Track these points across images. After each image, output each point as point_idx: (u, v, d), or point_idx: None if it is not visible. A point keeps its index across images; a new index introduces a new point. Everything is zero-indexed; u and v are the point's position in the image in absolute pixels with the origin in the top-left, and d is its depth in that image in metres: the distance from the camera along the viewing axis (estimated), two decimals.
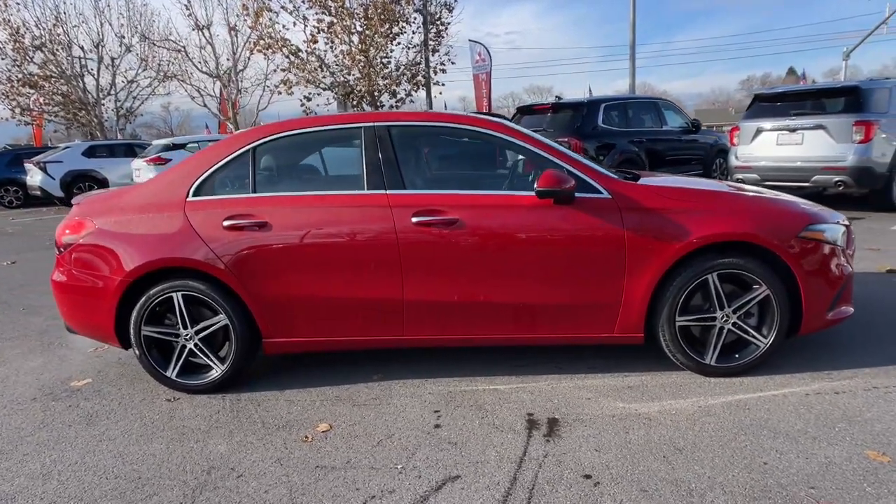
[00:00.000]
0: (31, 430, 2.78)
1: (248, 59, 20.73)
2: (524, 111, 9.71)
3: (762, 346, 2.90)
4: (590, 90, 20.86)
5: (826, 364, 3.03)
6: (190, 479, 2.30)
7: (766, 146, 7.85)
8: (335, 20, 15.55)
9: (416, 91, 18.10)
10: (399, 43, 16.25)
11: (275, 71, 17.79)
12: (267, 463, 2.39)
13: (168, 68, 22.37)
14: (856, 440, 2.31)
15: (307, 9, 16.14)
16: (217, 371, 3.06)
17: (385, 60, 16.39)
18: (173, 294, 2.99)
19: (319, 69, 16.53)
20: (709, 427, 2.48)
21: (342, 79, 17.09)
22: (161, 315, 3.09)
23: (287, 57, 16.81)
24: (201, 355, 3.07)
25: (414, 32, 17.06)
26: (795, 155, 7.53)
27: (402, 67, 17.06)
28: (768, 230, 2.81)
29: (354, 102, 17.57)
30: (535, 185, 2.79)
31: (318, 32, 16.00)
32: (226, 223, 2.95)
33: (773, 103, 8.05)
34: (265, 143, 3.11)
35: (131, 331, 3.04)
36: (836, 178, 7.16)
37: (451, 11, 17.32)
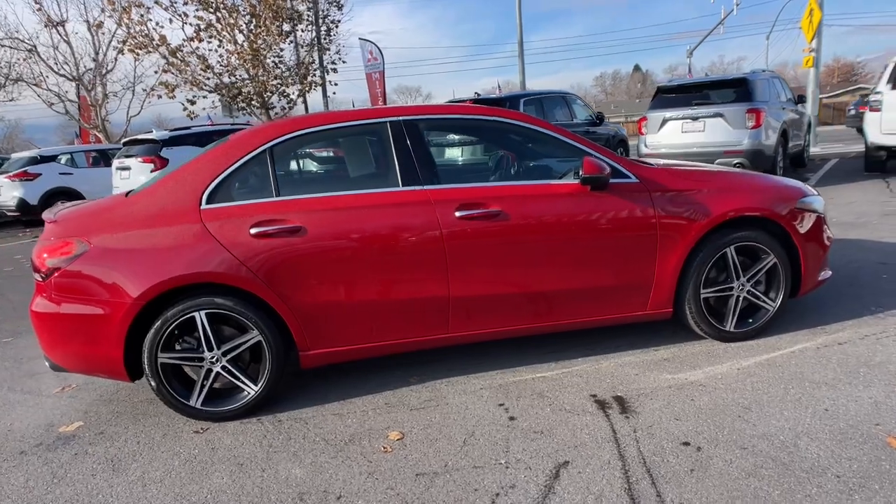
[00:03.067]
0: (48, 487, 2.37)
1: (116, 59, 18.79)
2: None
3: (771, 309, 3.22)
4: (499, 87, 21.40)
5: (815, 321, 3.43)
6: None
7: (673, 134, 8.62)
8: (220, 17, 14.59)
9: (308, 92, 17.52)
10: (291, 41, 15.60)
11: (156, 73, 16.26)
12: (360, 479, 2.25)
13: (10, 71, 19.61)
14: (882, 381, 2.66)
15: (184, 4, 15.00)
16: (250, 392, 2.81)
17: (276, 60, 15.66)
18: (196, 314, 2.69)
19: (203, 70, 15.42)
20: (758, 385, 2.72)
21: (228, 80, 16.08)
22: (174, 339, 2.77)
23: (164, 57, 15.47)
24: (230, 378, 2.80)
25: (303, 31, 16.50)
26: (699, 141, 8.34)
27: (294, 67, 16.42)
28: (774, 204, 3.12)
29: (242, 105, 16.65)
30: (581, 173, 2.87)
31: (201, 31, 14.92)
32: (253, 231, 2.71)
33: (675, 95, 8.86)
34: (282, 142, 2.89)
35: (145, 360, 2.70)
36: (736, 161, 8.03)
37: (340, 9, 16.98)
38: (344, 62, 17.83)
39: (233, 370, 2.79)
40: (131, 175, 10.11)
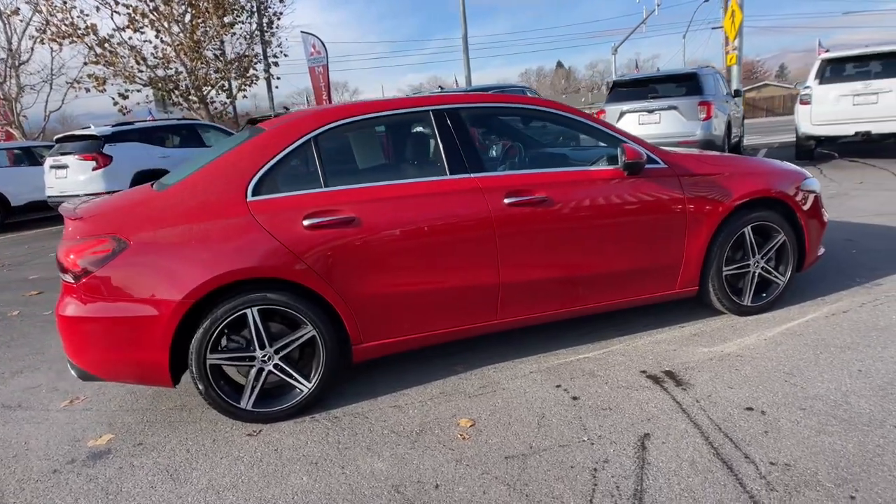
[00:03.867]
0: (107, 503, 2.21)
1: (32, 49, 17.25)
2: None
3: (781, 283, 3.47)
4: (456, 81, 21.35)
5: (813, 294, 3.72)
6: (385, 501, 2.07)
7: (630, 126, 8.99)
8: (156, 6, 13.78)
9: (248, 86, 16.91)
10: (234, 33, 14.98)
11: (85, 64, 15.08)
12: (451, 467, 2.24)
13: None
14: (895, 342, 2.94)
15: None
16: (303, 390, 2.72)
17: (217, 52, 14.99)
18: (248, 311, 2.58)
19: (137, 62, 14.53)
20: (789, 352, 2.93)
21: (163, 73, 15.25)
22: (221, 339, 2.64)
23: (91, 48, 14.45)
24: (282, 376, 2.70)
25: (244, 22, 15.88)
26: (655, 132, 8.75)
27: (235, 60, 15.79)
28: (784, 186, 3.36)
29: (178, 99, 15.84)
30: (624, 159, 2.97)
31: (134, 20, 14.04)
32: (306, 223, 2.62)
33: (629, 89, 9.25)
34: (326, 131, 2.81)
35: (192, 362, 2.55)
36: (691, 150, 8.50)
37: (282, 1, 16.48)
38: (286, 55, 17.37)
39: (286, 368, 2.69)
40: (69, 174, 9.40)
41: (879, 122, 8.74)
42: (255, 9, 15.42)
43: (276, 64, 17.59)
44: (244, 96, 17.45)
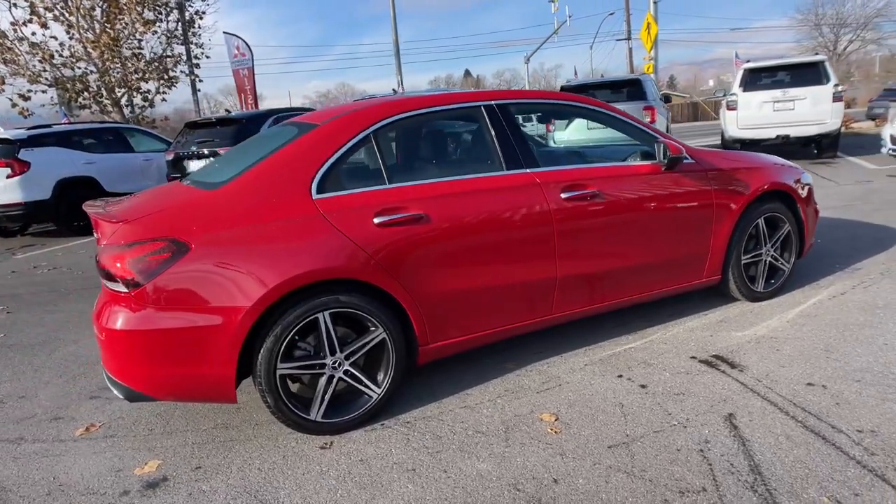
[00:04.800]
0: None
1: None
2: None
3: (786, 270, 3.75)
4: (399, 81, 21.02)
5: (805, 281, 4.04)
6: (510, 500, 2.02)
7: (579, 130, 9.33)
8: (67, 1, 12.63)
9: (168, 88, 15.89)
10: (156, 31, 14.01)
11: None
12: (559, 461, 2.23)
13: None
14: None
15: None
16: (373, 396, 2.60)
17: (136, 51, 13.97)
18: (319, 315, 2.43)
19: (41, 61, 13.23)
20: (815, 332, 3.16)
21: (71, 72, 14.00)
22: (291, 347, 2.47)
23: None
24: (352, 383, 2.56)
25: (163, 21, 14.91)
26: (603, 136, 9.14)
27: (155, 60, 14.79)
28: (789, 179, 3.64)
29: (88, 102, 14.62)
30: (668, 153, 3.09)
31: (36, 14, 12.79)
32: (377, 220, 2.51)
33: (577, 94, 9.61)
34: (384, 125, 2.72)
35: (261, 373, 2.37)
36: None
37: None
38: (208, 57, 16.49)
39: (356, 374, 2.56)
40: None
41: (797, 127, 9.67)
42: (175, 5, 14.52)
43: (196, 65, 16.68)
44: (163, 99, 16.38)
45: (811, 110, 9.56)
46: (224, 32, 17.06)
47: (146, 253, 2.25)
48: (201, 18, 15.73)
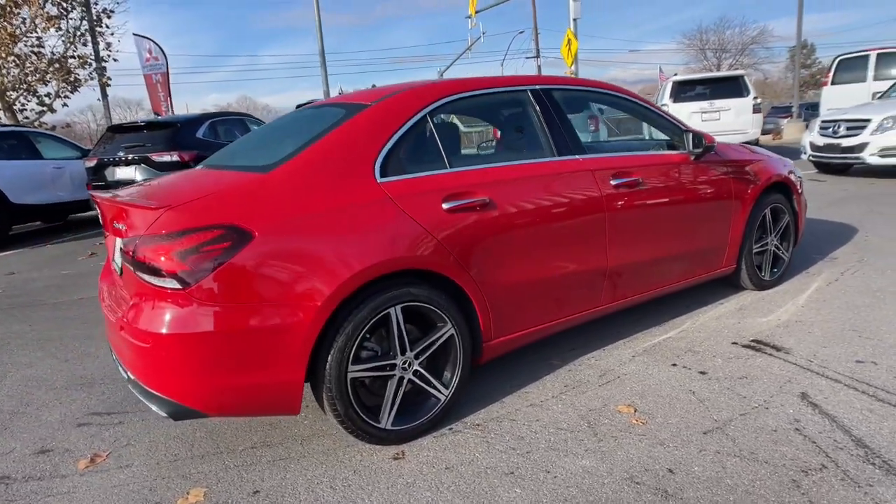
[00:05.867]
0: None
1: None
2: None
3: (786, 259, 3.92)
4: (340, 90, 20.27)
5: (796, 269, 4.25)
6: (629, 498, 1.89)
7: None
8: None
9: (71, 91, 14.52)
10: (59, 28, 12.73)
11: None
12: (661, 450, 2.13)
13: None
14: None
15: None
16: (441, 398, 2.38)
17: (35, 50, 12.63)
18: (391, 309, 2.19)
19: None
20: (833, 314, 3.30)
21: None
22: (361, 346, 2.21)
23: None
24: (421, 384, 2.33)
25: (65, 18, 13.62)
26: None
27: (57, 61, 13.45)
28: (787, 171, 3.82)
29: None
30: (704, 142, 3.12)
31: None
32: (445, 206, 2.32)
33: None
34: (438, 107, 2.53)
35: (331, 377, 2.10)
36: None
37: None
38: (116, 60, 15.26)
39: (425, 374, 2.33)
40: None
41: (723, 136, 10.37)
42: (82, 1, 13.29)
43: (105, 68, 15.38)
44: (64, 104, 14.95)
45: (735, 120, 10.32)
46: (134, 35, 15.81)
47: (202, 242, 1.92)
48: (108, 17, 14.55)
